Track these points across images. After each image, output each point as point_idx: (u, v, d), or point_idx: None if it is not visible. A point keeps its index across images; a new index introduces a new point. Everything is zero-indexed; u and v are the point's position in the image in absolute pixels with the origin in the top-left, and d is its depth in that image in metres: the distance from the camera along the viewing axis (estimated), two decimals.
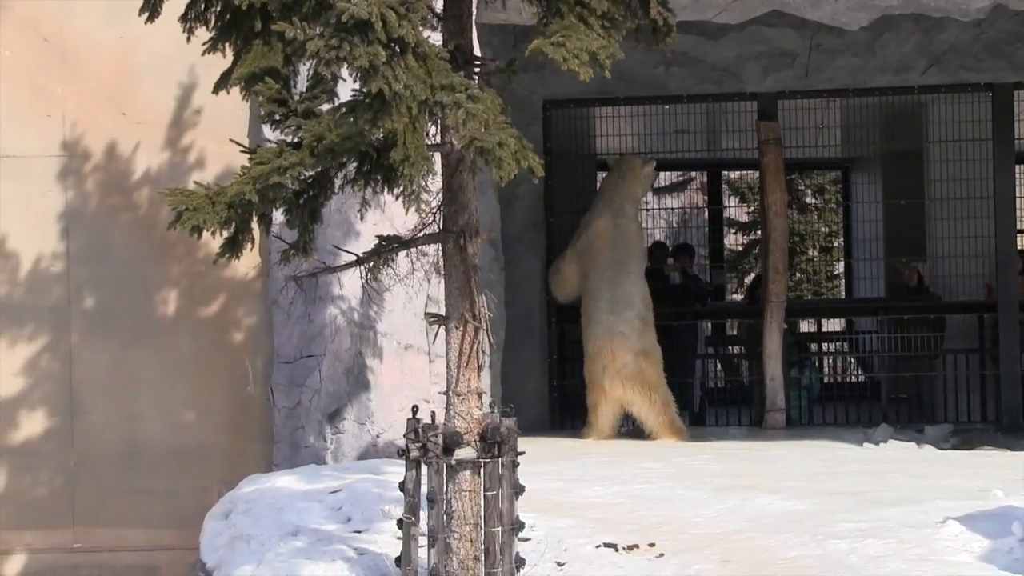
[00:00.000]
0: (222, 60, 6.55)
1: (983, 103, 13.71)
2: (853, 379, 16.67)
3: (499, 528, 6.46)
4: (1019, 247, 14.99)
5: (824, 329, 18.51)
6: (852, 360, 16.85)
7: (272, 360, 10.21)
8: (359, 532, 7.74)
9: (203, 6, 6.46)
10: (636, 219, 12.67)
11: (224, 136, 8.53)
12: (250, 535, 7.83)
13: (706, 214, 21.89)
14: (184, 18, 6.52)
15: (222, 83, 6.56)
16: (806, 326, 18.24)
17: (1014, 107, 13.64)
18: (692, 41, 13.08)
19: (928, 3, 10.74)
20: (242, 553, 7.70)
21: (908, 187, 15.54)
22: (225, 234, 6.44)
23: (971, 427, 13.41)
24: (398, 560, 6.71)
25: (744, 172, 23.67)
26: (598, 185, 13.81)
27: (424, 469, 6.55)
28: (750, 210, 25.08)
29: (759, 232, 16.78)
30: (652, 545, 7.35)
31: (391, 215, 9.13)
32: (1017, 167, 14.29)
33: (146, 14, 6.55)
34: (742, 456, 10.88)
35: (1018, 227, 14.70)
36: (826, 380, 15.95)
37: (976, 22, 12.25)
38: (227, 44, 6.45)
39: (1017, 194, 14.22)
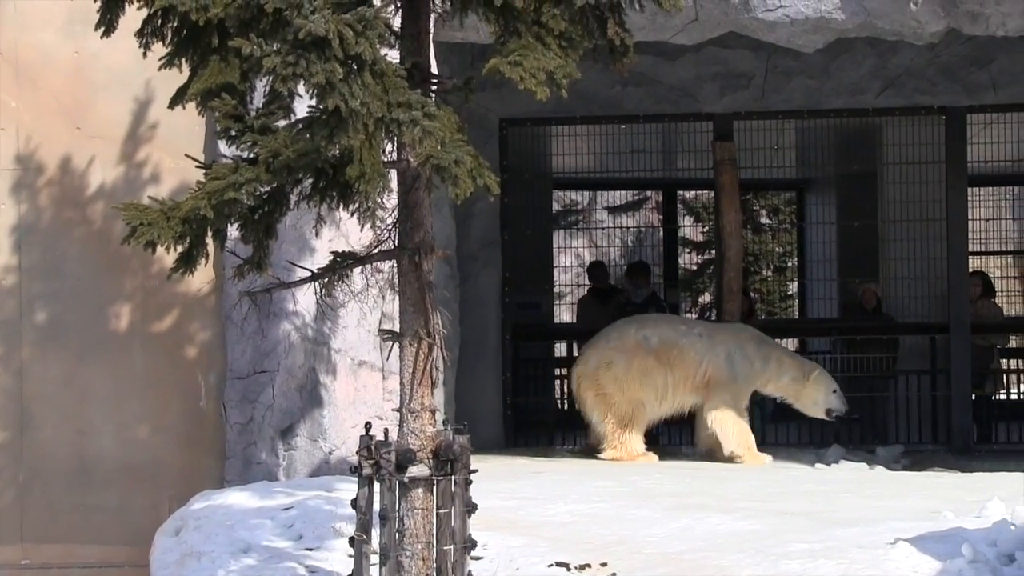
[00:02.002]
0: (178, 75, 6.54)
1: (936, 126, 13.81)
2: None
3: (451, 546, 6.45)
4: (971, 269, 15.10)
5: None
6: None
7: (225, 375, 10.17)
8: (311, 549, 7.71)
9: (160, 21, 6.43)
10: None
11: (180, 151, 8.53)
12: (201, 552, 7.78)
13: (661, 233, 21.94)
14: (140, 33, 6.50)
15: (178, 98, 6.54)
16: None
17: (967, 130, 13.75)
18: (649, 61, 13.12)
19: (883, 27, 10.81)
20: (193, 570, 7.66)
21: (862, 208, 15.63)
22: (179, 249, 6.42)
23: (923, 448, 13.48)
24: None
25: (699, 192, 23.74)
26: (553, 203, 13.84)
27: (377, 486, 6.53)
28: (705, 230, 25.15)
29: (714, 252, 16.82)
30: (604, 564, 7.35)
31: (346, 231, 9.12)
32: (969, 189, 14.39)
33: (102, 29, 6.53)
34: (696, 476, 10.90)
35: (970, 249, 14.79)
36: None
37: (930, 46, 12.34)
38: (184, 59, 6.44)
39: (969, 216, 14.31)
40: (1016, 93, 13.56)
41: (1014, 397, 16.27)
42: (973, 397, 13.94)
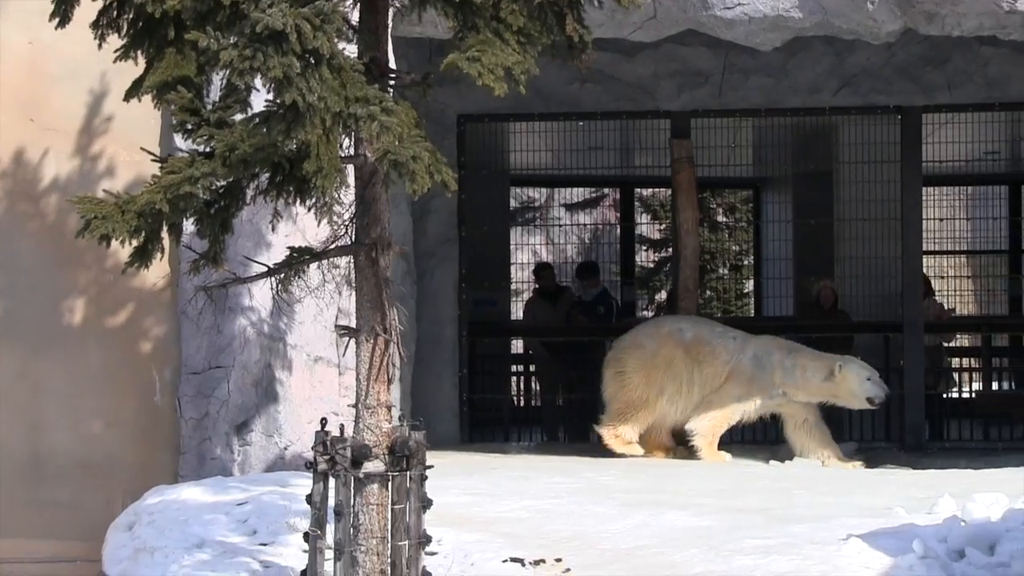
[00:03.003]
0: (134, 68, 6.51)
1: (892, 125, 13.87)
2: None
3: (406, 542, 6.45)
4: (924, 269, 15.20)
5: None
6: None
7: (180, 371, 10.13)
8: (265, 545, 7.69)
9: (115, 13, 6.41)
10: None
11: (135, 144, 8.48)
12: (154, 547, 7.76)
13: (618, 231, 21.97)
14: (96, 25, 6.47)
15: (134, 91, 6.52)
16: None
17: (922, 130, 13.82)
18: (607, 58, 13.13)
19: (840, 26, 10.86)
20: (146, 565, 7.63)
21: (818, 207, 15.69)
22: (134, 243, 6.40)
23: (875, 446, 13.54)
24: (304, 573, 6.67)
25: (656, 189, 23.79)
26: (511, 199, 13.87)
27: (332, 482, 6.53)
28: (662, 227, 25.20)
29: (670, 249, 16.86)
30: (559, 560, 7.36)
31: (303, 227, 9.10)
32: (924, 189, 14.46)
33: (57, 20, 6.49)
34: (651, 472, 10.93)
35: (924, 248, 14.87)
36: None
37: (887, 45, 12.41)
38: (139, 52, 6.41)
39: (924, 216, 14.38)
40: (971, 93, 13.64)
41: (965, 395, 16.36)
42: (925, 395, 14.01)
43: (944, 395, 15.24)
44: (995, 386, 17.51)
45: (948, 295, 19.70)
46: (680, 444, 12.09)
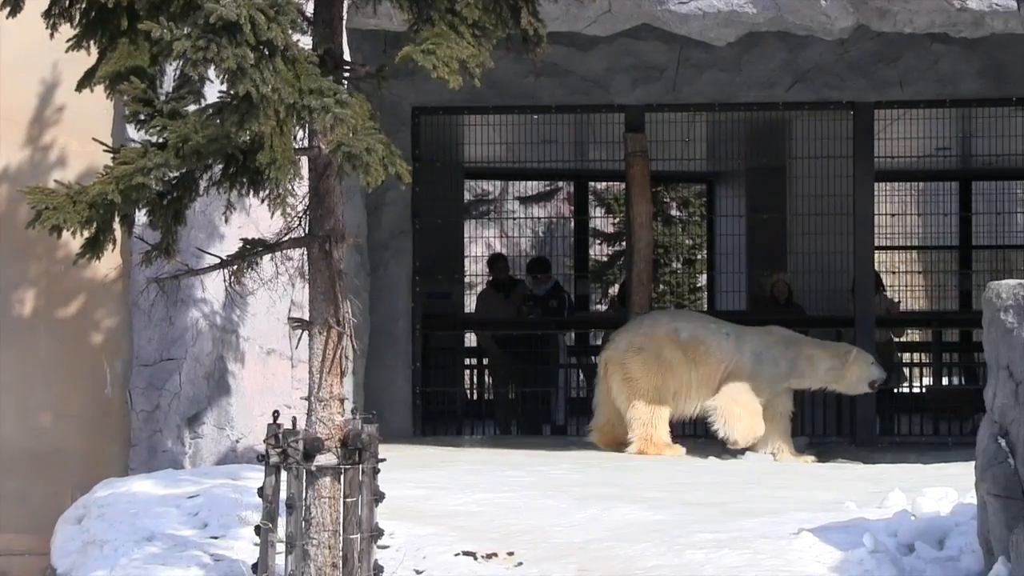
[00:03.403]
0: (87, 57, 6.46)
1: (844, 120, 13.94)
2: None
3: (358, 535, 6.44)
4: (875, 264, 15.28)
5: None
6: None
7: (131, 363, 10.07)
8: (216, 538, 7.66)
9: (68, 2, 6.37)
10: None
11: (87, 135, 8.39)
12: (104, 540, 7.70)
13: (572, 224, 21.99)
14: (48, 14, 6.42)
15: (86, 81, 6.47)
16: None
17: (874, 125, 13.89)
18: (562, 52, 13.14)
19: (793, 21, 10.90)
20: (95, 558, 7.58)
21: (771, 202, 15.76)
22: (86, 234, 6.36)
23: (827, 440, 13.62)
24: (255, 567, 6.65)
25: (610, 183, 23.83)
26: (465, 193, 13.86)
27: (284, 475, 6.51)
28: (616, 221, 25.25)
29: (624, 243, 16.89)
30: (511, 554, 7.36)
31: (256, 218, 9.06)
32: (876, 185, 14.54)
33: (8, 9, 6.44)
34: (604, 466, 10.95)
35: (876, 243, 14.95)
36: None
37: (839, 41, 12.47)
38: (92, 42, 6.37)
39: (876, 211, 14.46)
40: (922, 89, 13.73)
41: (916, 390, 16.46)
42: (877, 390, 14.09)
43: (895, 390, 15.32)
44: (945, 381, 17.64)
45: (899, 290, 19.84)
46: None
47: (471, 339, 17.00)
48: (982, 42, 12.55)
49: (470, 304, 18.05)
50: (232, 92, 5.67)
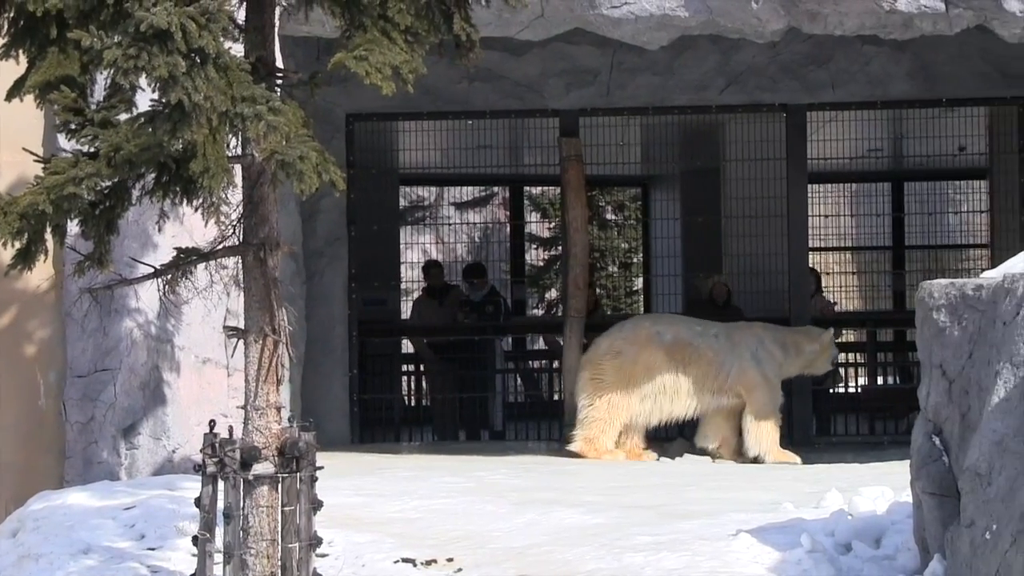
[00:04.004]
0: (16, 67, 6.39)
1: (777, 123, 14.03)
2: None
3: (296, 544, 6.42)
4: (811, 265, 15.37)
5: None
6: None
7: (65, 374, 9.99)
8: (153, 549, 7.61)
9: None
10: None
11: (18, 145, 8.30)
12: (39, 553, 7.63)
13: (508, 229, 22.01)
14: None
15: (16, 91, 6.41)
16: None
17: (807, 127, 13.99)
18: (496, 57, 13.15)
19: (725, 25, 10.96)
20: (30, 572, 7.51)
21: (706, 204, 15.83)
22: (17, 245, 6.30)
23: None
24: None
25: (546, 188, 23.86)
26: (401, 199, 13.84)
27: (221, 484, 6.47)
28: (551, 226, 25.28)
29: (560, 247, 16.92)
30: (450, 560, 7.36)
31: (190, 227, 9.00)
32: (809, 186, 14.65)
33: None
34: (542, 470, 10.96)
35: (810, 244, 15.05)
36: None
37: (771, 44, 12.55)
38: (21, 51, 6.31)
39: (809, 212, 14.56)
40: (854, 91, 13.84)
41: (851, 390, 16.58)
42: (813, 390, 14.19)
43: (831, 390, 15.43)
44: (880, 381, 17.78)
45: (834, 291, 19.97)
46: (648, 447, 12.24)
47: (408, 345, 16.98)
48: (911, 44, 12.67)
49: (406, 310, 18.03)
50: (164, 100, 5.64)
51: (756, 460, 12.00)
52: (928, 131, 15.01)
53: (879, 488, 8.00)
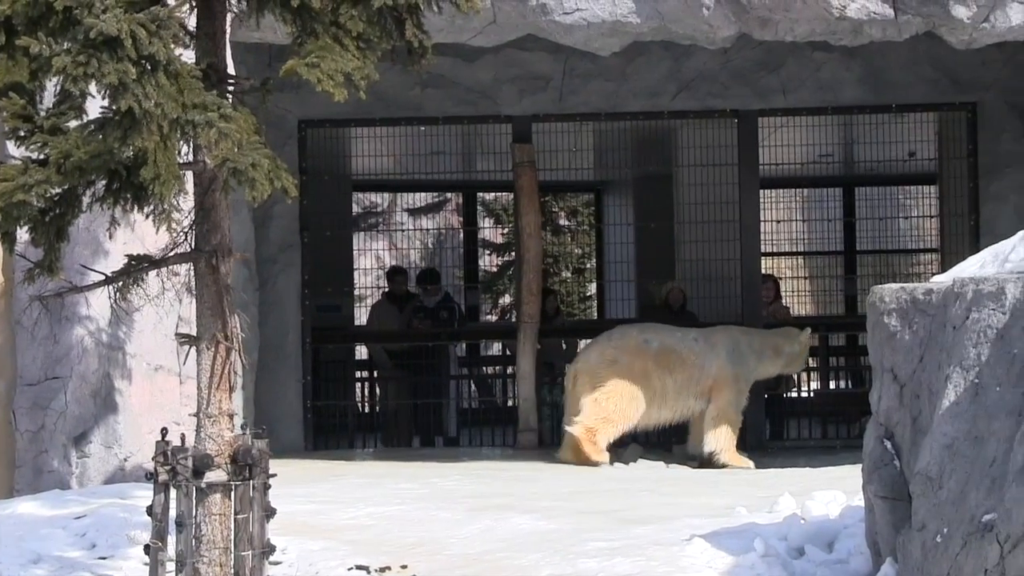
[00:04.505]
0: None
1: (729, 129, 14.07)
2: None
3: (249, 552, 6.39)
4: (763, 270, 15.42)
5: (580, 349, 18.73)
6: None
7: (15, 382, 9.92)
8: (104, 558, 7.56)
9: None
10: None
11: None
12: None
13: (461, 235, 22.00)
14: None
15: None
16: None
17: (758, 133, 14.04)
18: (448, 63, 13.14)
19: (677, 31, 11.00)
20: None
21: (659, 210, 15.86)
22: None
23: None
24: None
25: (499, 194, 23.88)
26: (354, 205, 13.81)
27: (173, 493, 6.44)
28: (505, 231, 25.30)
29: (513, 253, 16.93)
30: (405, 567, 7.35)
31: (142, 234, 8.97)
32: (761, 191, 14.69)
33: None
34: (496, 476, 10.96)
35: (762, 250, 15.10)
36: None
37: (723, 50, 12.59)
38: None
39: (761, 218, 14.61)
40: (805, 97, 13.90)
41: (804, 395, 16.64)
42: (766, 396, 14.24)
43: (784, 395, 15.49)
44: (832, 385, 17.86)
45: (786, 296, 20.04)
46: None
47: (362, 351, 16.93)
48: (861, 50, 12.74)
49: (360, 316, 17.98)
50: (114, 107, 5.62)
51: (710, 457, 12.04)
52: (878, 136, 15.08)
53: (832, 492, 8.04)
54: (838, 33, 11.03)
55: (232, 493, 6.40)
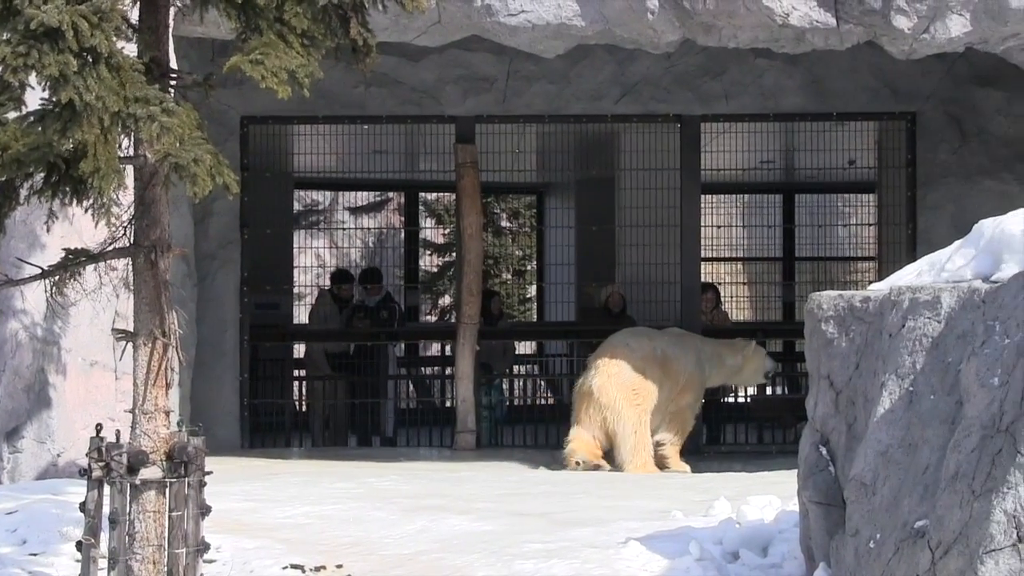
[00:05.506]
0: None
1: (672, 133, 14.14)
2: (543, 401, 16.89)
3: (183, 550, 6.35)
4: (703, 275, 15.49)
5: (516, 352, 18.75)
6: (542, 383, 17.10)
7: None
8: (35, 555, 7.49)
9: None
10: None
11: None
12: None
13: (402, 235, 21.98)
14: None
15: None
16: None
17: (700, 138, 14.11)
18: (392, 62, 13.13)
19: (621, 35, 11.03)
20: None
21: (600, 213, 15.91)
22: None
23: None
24: None
25: (441, 194, 23.87)
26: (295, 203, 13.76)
27: (107, 489, 6.39)
28: (446, 232, 25.30)
29: (454, 254, 16.93)
30: (340, 566, 7.33)
31: (80, 228, 8.89)
32: (702, 197, 14.76)
33: None
34: (432, 477, 10.95)
35: (703, 255, 15.17)
36: (516, 402, 16.18)
37: (666, 55, 12.65)
38: None
39: (702, 223, 14.68)
40: (747, 103, 13.99)
41: (741, 400, 16.72)
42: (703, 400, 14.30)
43: (720, 400, 15.57)
44: (769, 391, 17.96)
45: (724, 301, 20.15)
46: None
47: (300, 350, 16.88)
48: (803, 58, 12.83)
49: (299, 315, 17.92)
50: (54, 99, 5.57)
51: (656, 446, 12.09)
52: (819, 144, 15.19)
53: (767, 497, 8.09)
54: (781, 40, 11.10)
55: (167, 490, 6.36)
